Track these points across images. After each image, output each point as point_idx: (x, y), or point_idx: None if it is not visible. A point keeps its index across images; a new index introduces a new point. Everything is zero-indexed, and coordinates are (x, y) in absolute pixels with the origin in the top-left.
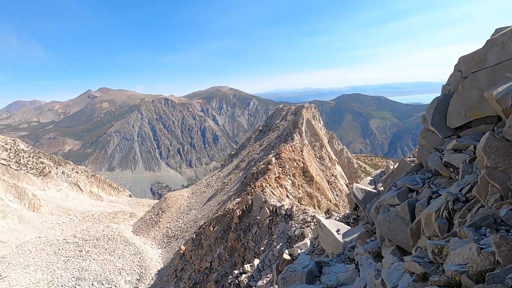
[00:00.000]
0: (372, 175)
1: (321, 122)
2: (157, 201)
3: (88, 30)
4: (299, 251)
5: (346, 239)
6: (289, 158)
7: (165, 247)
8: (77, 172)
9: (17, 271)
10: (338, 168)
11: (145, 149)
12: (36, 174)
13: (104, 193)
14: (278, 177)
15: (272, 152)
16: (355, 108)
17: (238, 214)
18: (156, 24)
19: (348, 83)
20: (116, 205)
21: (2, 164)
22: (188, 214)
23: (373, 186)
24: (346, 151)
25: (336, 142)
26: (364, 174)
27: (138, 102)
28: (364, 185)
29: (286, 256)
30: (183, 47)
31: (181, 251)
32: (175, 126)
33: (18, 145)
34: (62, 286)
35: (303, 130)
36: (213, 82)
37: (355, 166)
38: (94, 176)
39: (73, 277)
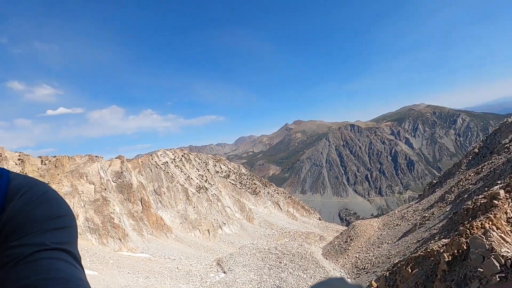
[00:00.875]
0: None
1: None
2: (345, 227)
3: (284, 74)
4: None
5: None
6: None
7: (354, 278)
8: (278, 193)
9: (238, 268)
10: None
11: (332, 175)
12: (251, 193)
13: (298, 214)
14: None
15: (498, 182)
16: None
17: (446, 259)
18: (340, 56)
19: None
20: (308, 226)
21: (232, 183)
22: (379, 247)
23: None
24: None
25: None
26: None
27: (325, 131)
28: None
29: None
30: (367, 71)
31: None
32: (362, 152)
33: (241, 170)
34: None
35: None
36: (404, 102)
37: None
38: (290, 197)
39: (274, 285)
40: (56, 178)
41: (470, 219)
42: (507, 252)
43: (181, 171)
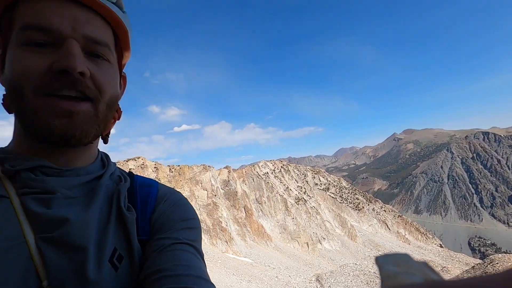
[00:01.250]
0: None
1: None
2: (478, 260)
3: (390, 79)
4: None
5: None
6: None
7: None
8: (385, 211)
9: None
10: None
11: (458, 194)
12: (353, 208)
13: (411, 237)
14: None
15: None
16: None
17: None
18: (464, 51)
19: None
20: (424, 252)
21: (332, 197)
22: None
23: None
24: None
25: None
26: None
27: (446, 140)
28: None
29: None
30: (504, 64)
31: None
32: (502, 166)
33: (341, 183)
34: None
35: None
36: None
37: None
38: (400, 217)
39: None
40: (179, 184)
41: None
42: None
43: (281, 182)
